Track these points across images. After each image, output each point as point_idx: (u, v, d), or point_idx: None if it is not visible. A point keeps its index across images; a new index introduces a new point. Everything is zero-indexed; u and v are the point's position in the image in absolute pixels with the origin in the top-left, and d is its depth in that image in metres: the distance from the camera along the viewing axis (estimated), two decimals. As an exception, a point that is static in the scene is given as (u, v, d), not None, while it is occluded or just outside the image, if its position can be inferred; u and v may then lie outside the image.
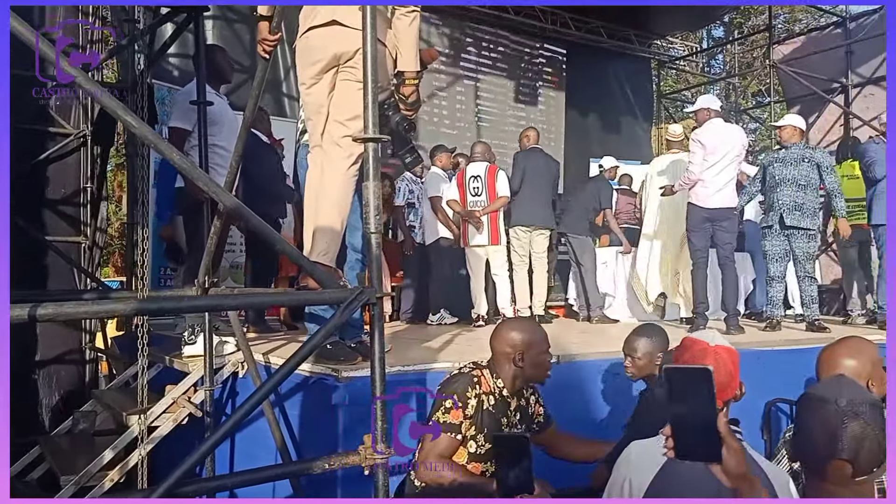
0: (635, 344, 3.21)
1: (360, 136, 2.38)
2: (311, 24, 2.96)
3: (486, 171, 6.54)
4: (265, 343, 4.26)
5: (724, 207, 5.73)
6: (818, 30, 13.11)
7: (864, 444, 1.56)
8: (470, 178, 6.55)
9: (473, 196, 6.52)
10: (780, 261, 6.07)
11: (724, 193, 5.74)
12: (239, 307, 3.30)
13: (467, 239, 6.56)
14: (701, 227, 5.79)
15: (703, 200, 5.72)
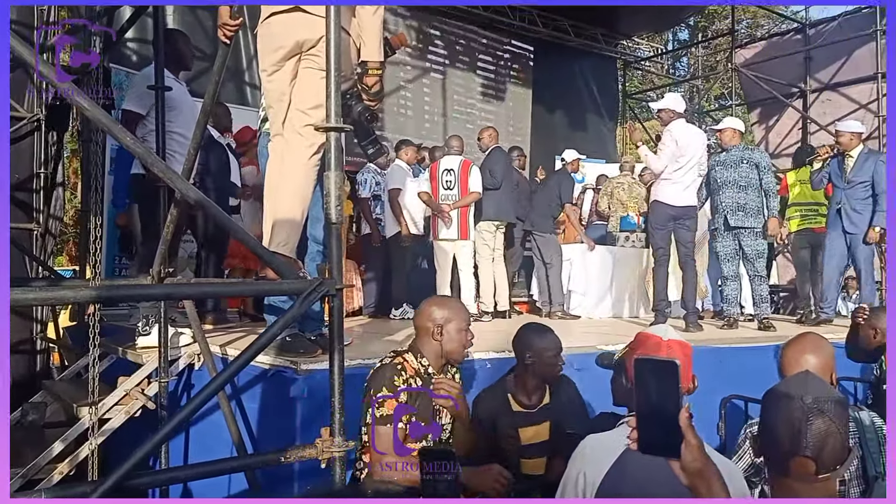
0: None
1: (322, 126, 2.34)
2: (274, 10, 2.90)
3: (460, 165, 6.53)
4: (223, 335, 4.19)
5: (688, 206, 5.82)
6: (779, 35, 13.36)
7: (827, 441, 1.56)
8: (443, 172, 6.54)
9: (445, 189, 6.50)
10: (732, 260, 6.20)
11: (690, 192, 5.84)
12: (194, 296, 3.24)
13: (436, 232, 6.54)
14: (665, 225, 5.84)
15: (671, 199, 5.78)
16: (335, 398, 2.30)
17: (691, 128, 5.97)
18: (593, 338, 5.06)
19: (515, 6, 11.47)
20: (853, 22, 10.99)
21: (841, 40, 10.92)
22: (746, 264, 6.18)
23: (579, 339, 5.00)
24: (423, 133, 10.71)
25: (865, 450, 2.33)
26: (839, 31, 11.13)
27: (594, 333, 5.56)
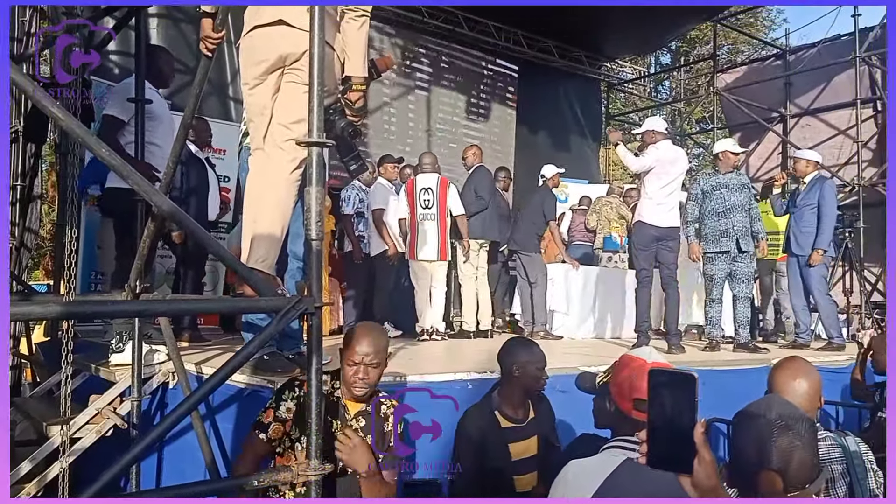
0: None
1: (303, 140, 2.29)
2: (257, 22, 2.86)
3: (438, 183, 6.49)
4: (199, 352, 4.10)
5: (671, 227, 5.82)
6: (759, 61, 13.55)
7: (793, 456, 1.56)
8: (421, 191, 6.49)
9: (424, 209, 6.45)
10: (723, 283, 6.20)
11: (674, 213, 5.86)
12: (168, 313, 3.16)
13: (414, 253, 6.49)
14: (648, 246, 5.85)
15: (655, 219, 5.78)
16: (311, 419, 2.24)
17: (677, 149, 6.03)
18: (575, 358, 5.03)
19: (500, 25, 11.53)
20: (832, 49, 11.17)
21: (820, 66, 11.08)
22: (738, 286, 6.16)
23: (561, 360, 4.96)
24: (406, 150, 10.69)
25: (853, 475, 2.31)
26: (819, 57, 11.31)
27: (576, 354, 5.53)
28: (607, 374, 2.39)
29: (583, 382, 2.66)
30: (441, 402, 3.44)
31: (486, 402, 3.03)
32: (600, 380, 2.48)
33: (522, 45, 12.03)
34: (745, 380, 4.69)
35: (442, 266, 6.54)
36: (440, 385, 3.54)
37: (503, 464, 2.86)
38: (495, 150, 12.24)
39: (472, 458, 2.78)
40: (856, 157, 10.24)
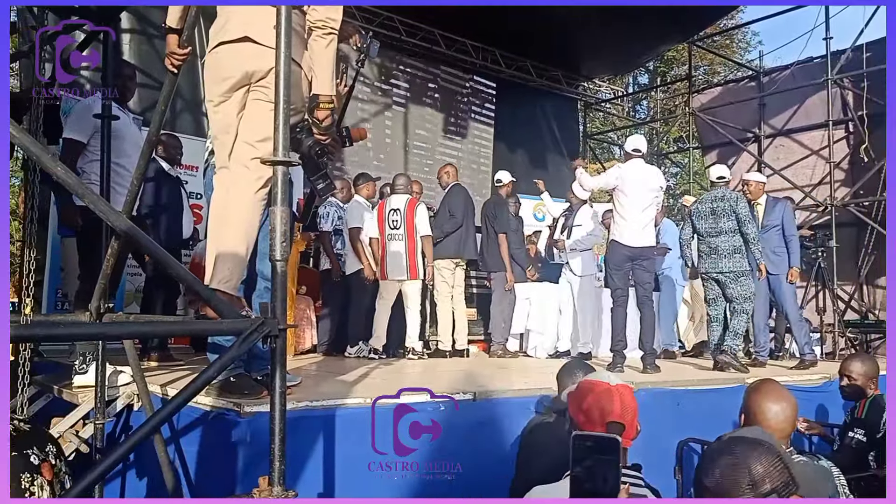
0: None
1: (269, 159, 2.26)
2: (223, 38, 2.82)
3: (406, 204, 6.49)
4: (166, 373, 4.02)
5: (645, 246, 5.82)
6: (734, 82, 13.71)
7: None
8: (390, 212, 6.50)
9: (392, 229, 6.46)
10: (720, 304, 6.26)
11: (646, 232, 5.84)
12: (128, 335, 3.08)
13: (385, 273, 6.45)
14: (622, 265, 5.84)
15: (626, 239, 5.78)
16: (275, 444, 2.19)
17: (649, 168, 6.00)
18: (550, 378, 4.98)
19: (478, 44, 11.59)
20: (805, 71, 11.33)
21: (793, 88, 11.24)
22: (745, 305, 6.11)
23: (537, 380, 4.93)
24: (383, 168, 10.68)
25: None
26: (792, 79, 11.47)
27: (551, 374, 5.46)
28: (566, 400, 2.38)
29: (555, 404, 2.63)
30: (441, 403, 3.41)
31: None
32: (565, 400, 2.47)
33: (500, 63, 12.09)
34: (721, 399, 4.67)
35: (414, 285, 6.50)
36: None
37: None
38: (473, 168, 12.26)
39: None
40: (828, 178, 10.35)
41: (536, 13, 9.94)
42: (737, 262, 6.02)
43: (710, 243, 6.10)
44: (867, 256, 10.48)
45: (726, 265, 6.02)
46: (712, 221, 6.10)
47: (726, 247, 6.03)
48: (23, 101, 3.53)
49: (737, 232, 6.03)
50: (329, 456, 3.06)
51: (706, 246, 6.14)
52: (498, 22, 10.50)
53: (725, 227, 6.04)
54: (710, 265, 6.10)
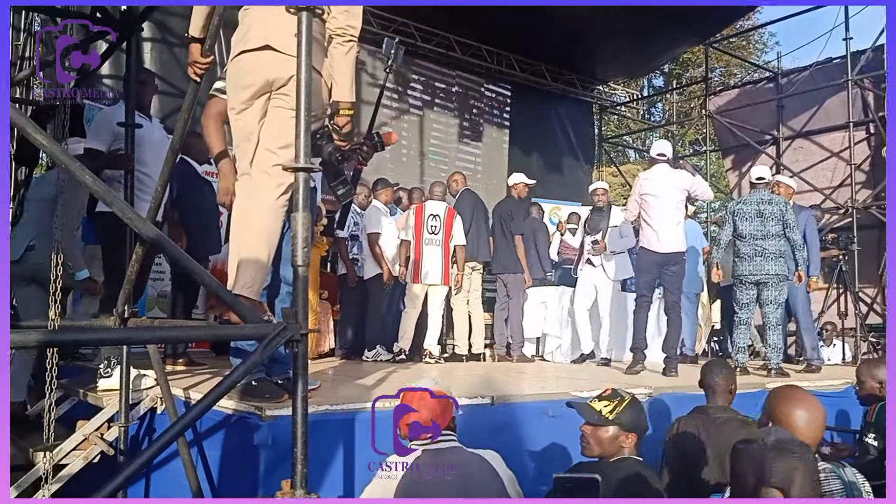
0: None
1: (290, 165, 2.29)
2: (244, 47, 2.86)
3: (446, 211, 6.63)
4: (189, 377, 4.07)
5: (674, 252, 5.80)
6: (752, 83, 13.63)
7: (795, 475, 1.56)
8: (429, 216, 6.58)
9: (430, 234, 6.55)
10: (751, 308, 6.23)
11: (676, 237, 5.81)
12: (152, 341, 3.13)
13: (418, 276, 6.51)
14: (651, 271, 5.83)
15: (655, 245, 5.77)
16: (297, 448, 2.21)
17: (673, 172, 5.96)
18: (567, 383, 4.99)
19: (492, 49, 11.61)
20: (824, 71, 11.24)
21: (812, 89, 11.15)
22: (777, 311, 6.09)
23: (553, 385, 4.93)
24: (399, 172, 10.72)
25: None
26: (811, 80, 11.37)
27: (569, 378, 5.48)
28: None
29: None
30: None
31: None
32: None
33: (515, 68, 12.11)
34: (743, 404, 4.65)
35: (443, 291, 6.61)
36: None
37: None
38: (489, 173, 12.27)
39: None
40: (849, 180, 10.26)
41: (550, 17, 9.96)
42: (781, 266, 5.96)
43: (755, 246, 5.99)
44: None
45: (772, 268, 5.95)
46: (759, 224, 6.00)
47: (773, 250, 5.96)
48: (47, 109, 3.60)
49: (782, 236, 5.98)
50: (349, 459, 3.08)
51: (750, 248, 6.01)
52: (512, 26, 10.53)
53: (773, 231, 5.96)
54: (755, 268, 5.99)
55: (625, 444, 2.56)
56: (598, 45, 11.66)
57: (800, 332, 7.09)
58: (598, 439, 2.56)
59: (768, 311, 6.03)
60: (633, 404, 2.63)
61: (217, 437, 3.18)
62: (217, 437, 3.18)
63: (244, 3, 2.97)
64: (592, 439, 2.57)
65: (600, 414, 2.55)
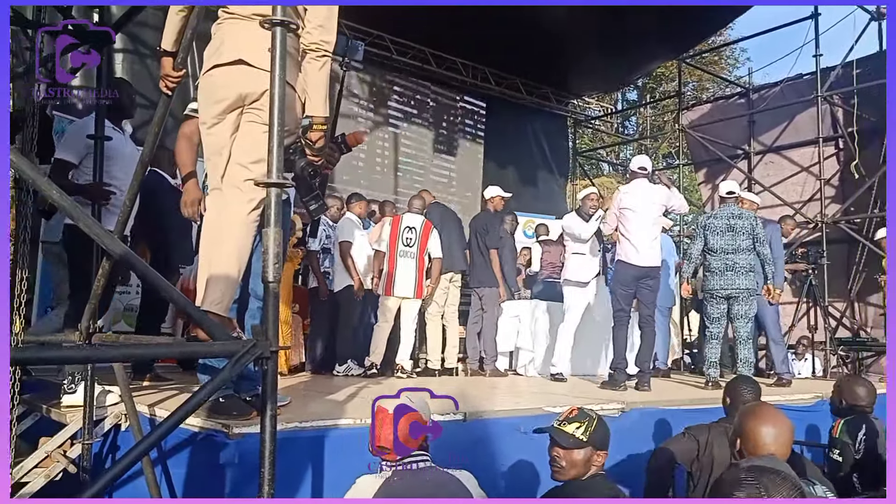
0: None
1: (263, 181, 2.27)
2: (217, 61, 2.83)
3: (423, 225, 6.57)
4: (154, 393, 3.99)
5: (651, 266, 5.83)
6: (723, 98, 13.80)
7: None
8: (405, 229, 6.52)
9: (405, 246, 6.48)
10: (721, 323, 6.28)
11: (653, 251, 5.86)
12: (118, 358, 3.06)
13: (391, 289, 6.45)
14: (630, 285, 5.86)
15: (634, 258, 5.80)
16: (265, 467, 2.18)
17: (646, 186, 6.03)
18: (541, 398, 4.99)
19: (468, 62, 11.66)
20: (795, 87, 11.39)
21: (783, 105, 11.30)
22: (747, 325, 6.16)
23: (527, 400, 4.92)
24: (373, 184, 10.72)
25: None
26: (781, 96, 11.53)
27: (542, 393, 5.47)
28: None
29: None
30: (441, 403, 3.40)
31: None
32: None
33: (490, 81, 12.16)
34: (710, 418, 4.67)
35: (416, 304, 6.53)
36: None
37: None
38: (464, 186, 12.29)
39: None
40: (818, 195, 10.39)
41: (525, 31, 10.03)
42: (751, 281, 6.03)
43: (726, 260, 6.05)
44: (858, 274, 10.50)
45: (742, 283, 6.02)
46: (730, 238, 6.07)
47: (744, 264, 6.03)
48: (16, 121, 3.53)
49: (752, 250, 6.04)
50: (318, 477, 3.04)
51: (721, 262, 6.07)
52: (487, 40, 10.58)
53: (743, 245, 6.04)
54: (725, 282, 6.05)
55: (596, 462, 2.56)
56: (573, 60, 11.75)
57: (770, 346, 7.16)
58: (571, 462, 2.54)
59: (739, 326, 6.08)
60: (602, 423, 2.63)
61: (182, 456, 3.12)
62: (182, 456, 3.12)
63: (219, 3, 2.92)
64: (566, 462, 2.55)
65: (574, 436, 2.53)
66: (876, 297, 10.10)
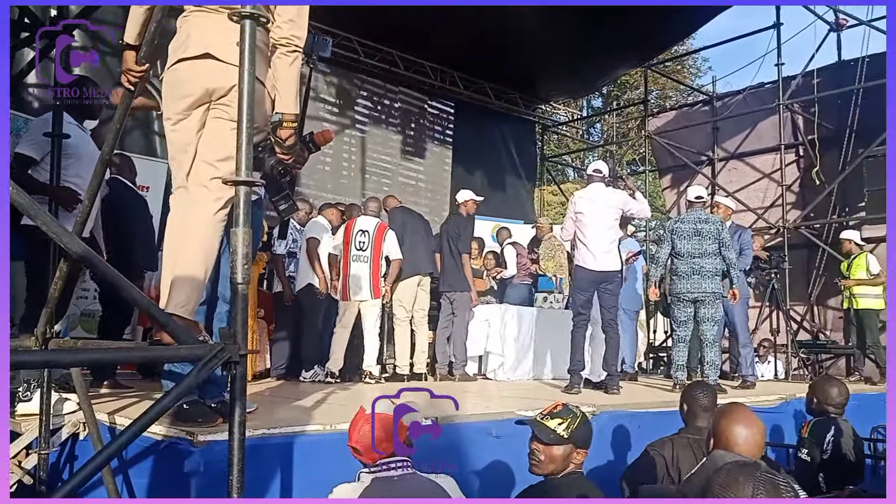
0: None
1: (231, 179, 2.19)
2: (182, 55, 2.73)
3: (376, 227, 6.45)
4: (114, 401, 3.85)
5: (609, 270, 5.83)
6: (688, 106, 13.99)
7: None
8: (358, 232, 6.43)
9: (358, 250, 6.39)
10: (688, 325, 6.28)
11: (610, 256, 5.86)
12: (77, 364, 2.95)
13: (347, 293, 6.36)
14: (587, 290, 5.85)
15: (590, 263, 5.80)
16: (233, 476, 2.09)
17: (608, 191, 6.05)
18: (512, 402, 4.95)
19: (436, 66, 11.63)
20: (757, 96, 11.61)
21: (746, 113, 11.49)
22: (714, 328, 6.19)
23: (498, 404, 4.88)
24: (340, 188, 10.62)
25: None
26: (744, 104, 11.73)
27: (513, 397, 5.44)
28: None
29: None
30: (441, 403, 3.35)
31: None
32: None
33: (458, 85, 12.14)
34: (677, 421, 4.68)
35: (375, 307, 6.43)
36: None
37: None
38: (432, 189, 12.25)
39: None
40: (780, 200, 10.57)
41: (494, 35, 10.03)
42: (717, 285, 6.08)
43: (693, 264, 6.08)
44: (818, 278, 10.75)
45: (709, 286, 6.05)
46: (696, 242, 6.10)
47: (710, 268, 6.06)
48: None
49: (718, 255, 6.09)
50: (287, 486, 2.96)
51: (688, 266, 6.10)
52: (455, 43, 10.56)
53: (710, 250, 6.08)
54: (692, 286, 6.08)
55: (575, 460, 2.56)
56: (541, 65, 11.80)
57: (737, 349, 7.23)
58: (550, 457, 2.54)
59: (705, 329, 6.12)
60: (585, 421, 2.61)
61: (145, 465, 3.00)
62: (145, 465, 3.00)
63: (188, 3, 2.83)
64: (545, 456, 2.54)
65: (555, 433, 2.51)
66: (834, 301, 10.30)
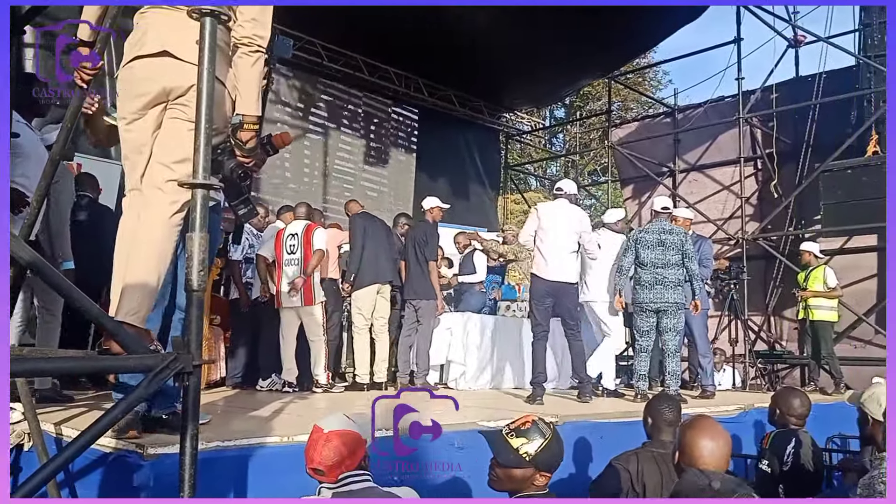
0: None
1: (188, 182, 2.10)
2: (139, 52, 2.62)
3: (304, 229, 6.32)
4: (61, 411, 3.70)
5: (564, 282, 5.84)
6: (650, 118, 14.16)
7: None
8: (288, 237, 6.34)
9: (289, 254, 6.28)
10: (651, 336, 6.32)
11: (566, 267, 5.87)
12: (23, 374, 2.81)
13: (280, 300, 6.23)
14: (543, 300, 5.84)
15: (545, 273, 5.80)
16: (185, 491, 2.00)
17: (565, 207, 6.07)
18: (473, 412, 4.89)
19: (400, 72, 11.58)
20: (717, 109, 11.80)
21: (706, 125, 11.67)
22: (676, 338, 6.21)
23: (459, 415, 4.82)
24: (301, 193, 10.48)
25: None
26: (704, 117, 11.91)
27: (474, 407, 5.37)
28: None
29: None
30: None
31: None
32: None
33: (423, 92, 12.11)
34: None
35: (313, 313, 6.24)
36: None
37: None
38: (395, 195, 12.18)
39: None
40: (739, 212, 10.72)
41: (459, 42, 10.02)
42: (679, 295, 6.10)
43: (656, 274, 6.10)
44: (775, 289, 10.96)
45: (671, 297, 6.08)
46: (660, 252, 6.13)
47: (673, 279, 6.09)
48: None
49: (681, 265, 6.12)
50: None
51: (651, 276, 6.12)
52: (420, 49, 10.52)
53: (673, 260, 6.11)
54: (655, 296, 6.10)
55: (537, 482, 2.36)
56: (506, 73, 11.81)
57: (697, 359, 7.28)
58: (508, 476, 2.36)
59: (668, 339, 6.15)
60: (553, 442, 2.40)
61: (92, 478, 2.87)
62: (92, 478, 2.87)
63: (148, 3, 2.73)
64: (503, 475, 2.37)
65: (517, 453, 2.33)
66: (790, 312, 10.48)
